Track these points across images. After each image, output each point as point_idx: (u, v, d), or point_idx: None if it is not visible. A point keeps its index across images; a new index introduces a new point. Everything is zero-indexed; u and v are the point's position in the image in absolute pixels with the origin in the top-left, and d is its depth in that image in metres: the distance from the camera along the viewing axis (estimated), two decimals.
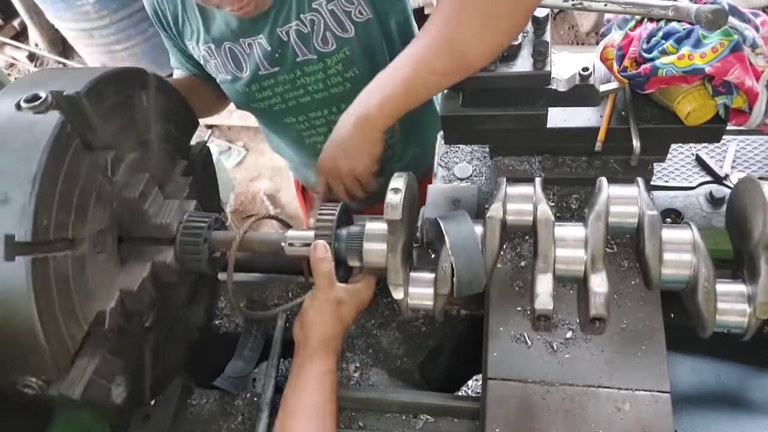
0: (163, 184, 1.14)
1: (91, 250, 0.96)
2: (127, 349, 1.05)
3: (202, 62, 1.54)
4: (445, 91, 1.11)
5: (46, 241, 0.85)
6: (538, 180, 0.99)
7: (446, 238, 0.97)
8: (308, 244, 1.05)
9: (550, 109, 1.10)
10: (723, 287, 0.90)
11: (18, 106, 0.89)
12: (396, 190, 0.98)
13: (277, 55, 1.44)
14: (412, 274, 1.01)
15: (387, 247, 0.99)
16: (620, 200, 0.94)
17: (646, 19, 1.07)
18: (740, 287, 0.90)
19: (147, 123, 1.10)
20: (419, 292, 0.99)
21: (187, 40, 1.51)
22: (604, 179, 0.96)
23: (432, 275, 0.98)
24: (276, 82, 1.51)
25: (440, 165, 1.43)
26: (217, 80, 1.56)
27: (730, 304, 0.88)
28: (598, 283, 0.88)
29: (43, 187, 0.83)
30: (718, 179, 1.28)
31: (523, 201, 0.97)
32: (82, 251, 0.94)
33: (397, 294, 0.99)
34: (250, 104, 1.59)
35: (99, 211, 0.98)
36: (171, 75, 1.66)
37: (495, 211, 0.96)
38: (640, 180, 0.97)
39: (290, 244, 1.08)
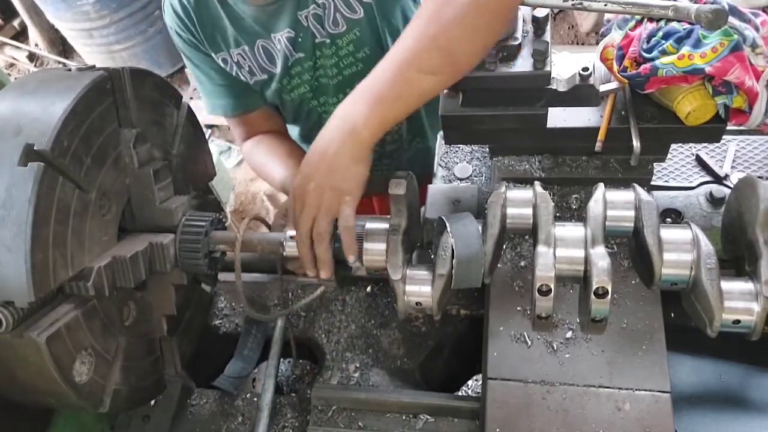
0: None
1: (96, 204, 0.98)
2: (101, 334, 1.00)
3: (234, 71, 1.56)
4: (445, 91, 1.11)
5: (61, 161, 0.89)
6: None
7: (447, 224, 0.97)
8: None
9: (550, 109, 1.10)
10: (728, 284, 0.88)
11: None
12: (398, 172, 1.00)
13: (299, 40, 1.47)
14: (410, 270, 0.99)
15: (388, 229, 0.99)
16: (618, 199, 0.94)
17: (646, 19, 1.07)
18: (747, 284, 0.88)
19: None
20: (417, 275, 0.98)
21: (220, 51, 1.54)
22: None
23: (430, 272, 0.98)
24: (302, 69, 1.53)
25: (440, 165, 1.43)
26: (251, 84, 1.59)
27: (736, 302, 0.87)
28: (600, 255, 0.86)
29: (72, 115, 0.91)
30: (718, 179, 1.28)
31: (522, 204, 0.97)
32: (88, 199, 0.96)
33: (395, 274, 0.97)
34: (282, 96, 1.61)
35: (114, 173, 1.03)
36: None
37: (496, 196, 0.97)
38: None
39: (289, 244, 1.08)
